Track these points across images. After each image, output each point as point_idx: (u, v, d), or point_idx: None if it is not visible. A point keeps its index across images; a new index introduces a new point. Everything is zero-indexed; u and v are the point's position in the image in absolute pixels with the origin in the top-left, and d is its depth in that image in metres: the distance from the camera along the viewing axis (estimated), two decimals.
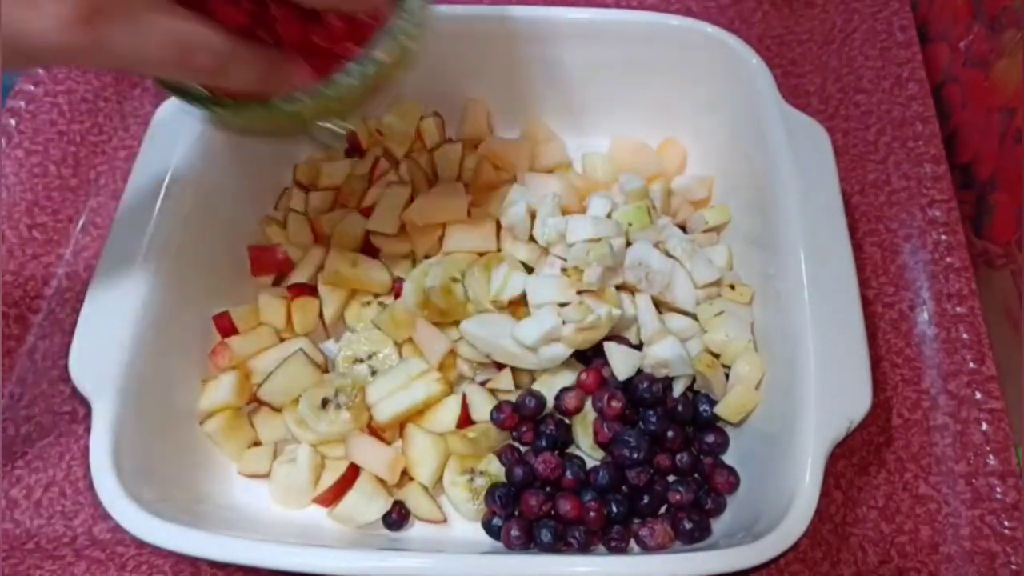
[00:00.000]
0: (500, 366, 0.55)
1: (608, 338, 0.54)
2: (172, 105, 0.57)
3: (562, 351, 0.53)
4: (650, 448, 0.51)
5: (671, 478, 0.52)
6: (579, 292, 0.54)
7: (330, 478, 0.52)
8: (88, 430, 0.46)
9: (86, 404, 0.48)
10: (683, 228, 0.61)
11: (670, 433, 0.52)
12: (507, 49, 0.63)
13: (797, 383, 0.47)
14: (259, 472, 0.54)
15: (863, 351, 0.48)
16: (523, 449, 0.54)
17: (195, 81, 0.43)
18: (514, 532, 0.49)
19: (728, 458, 0.53)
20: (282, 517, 0.53)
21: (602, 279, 0.53)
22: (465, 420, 0.54)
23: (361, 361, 0.56)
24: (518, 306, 0.56)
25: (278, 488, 0.53)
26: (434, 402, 0.54)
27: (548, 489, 0.51)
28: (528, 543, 0.49)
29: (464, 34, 0.62)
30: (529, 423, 0.53)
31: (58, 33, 0.33)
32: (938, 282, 0.61)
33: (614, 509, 0.50)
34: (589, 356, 0.55)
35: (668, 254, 0.57)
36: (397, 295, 0.57)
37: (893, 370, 0.58)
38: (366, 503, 0.51)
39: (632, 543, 0.50)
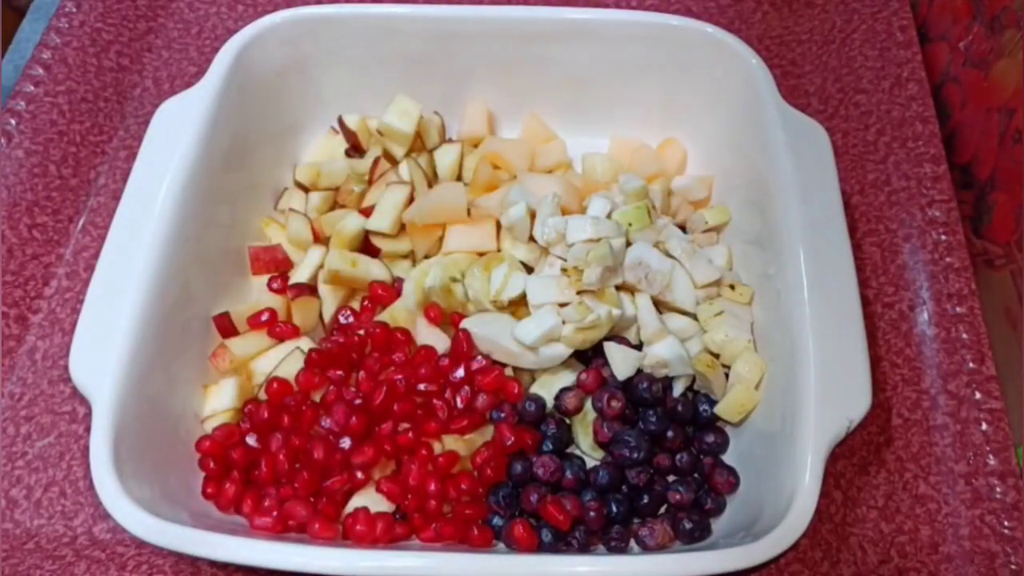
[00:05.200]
0: (500, 365, 0.55)
1: (608, 338, 0.54)
2: (172, 105, 0.57)
3: (562, 351, 0.53)
4: (650, 448, 0.51)
5: (671, 478, 0.52)
6: (579, 292, 0.54)
7: None
8: (88, 430, 0.46)
9: (86, 404, 0.48)
10: (683, 228, 0.61)
11: (670, 433, 0.52)
12: (507, 49, 0.63)
13: (797, 383, 0.47)
14: None
15: (863, 351, 0.48)
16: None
17: None
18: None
19: (728, 458, 0.53)
20: None
21: (602, 279, 0.53)
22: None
23: None
24: (518, 306, 0.56)
25: None
26: None
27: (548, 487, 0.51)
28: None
29: (464, 34, 0.62)
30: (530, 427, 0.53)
31: None
32: (938, 282, 0.61)
33: (614, 509, 0.50)
34: (589, 356, 0.55)
35: (668, 254, 0.57)
36: (397, 295, 0.57)
37: (893, 370, 0.58)
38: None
39: (632, 543, 0.50)
